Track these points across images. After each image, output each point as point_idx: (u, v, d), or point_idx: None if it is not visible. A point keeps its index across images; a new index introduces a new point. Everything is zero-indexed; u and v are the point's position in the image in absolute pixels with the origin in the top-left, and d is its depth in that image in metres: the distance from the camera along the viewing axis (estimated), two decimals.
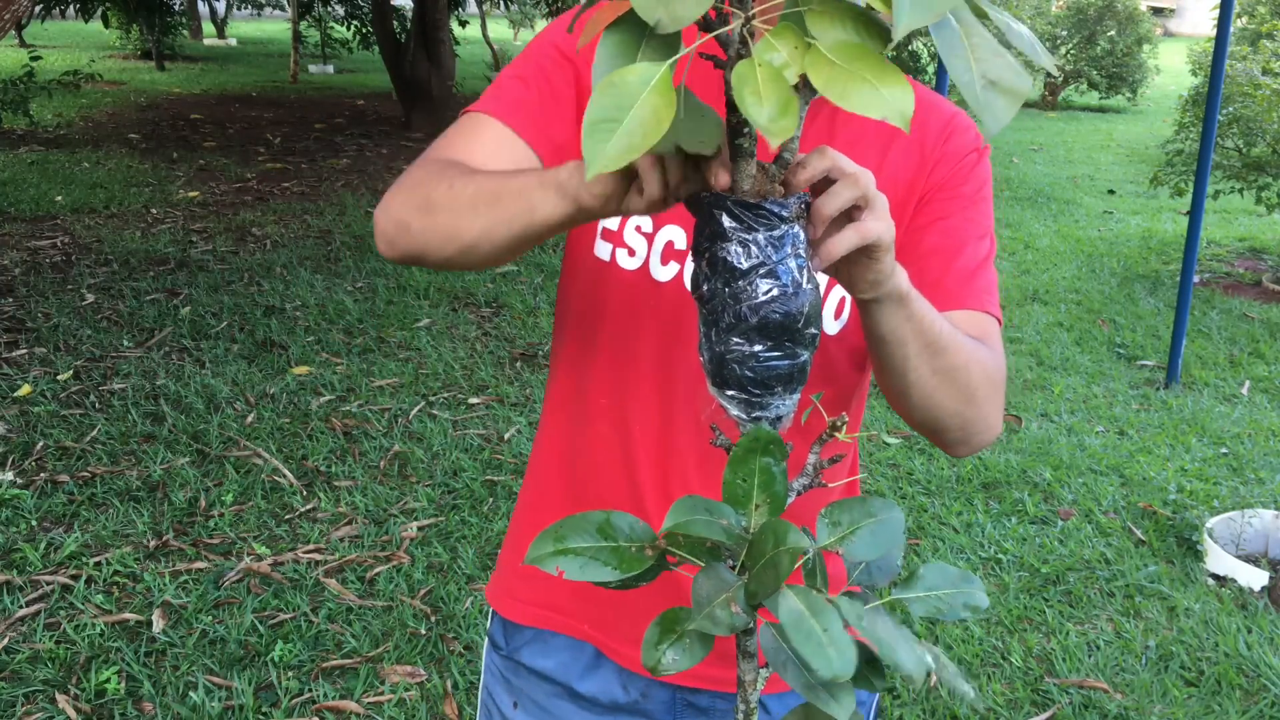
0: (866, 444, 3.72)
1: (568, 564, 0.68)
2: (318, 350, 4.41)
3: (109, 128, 9.64)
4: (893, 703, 2.42)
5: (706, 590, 0.66)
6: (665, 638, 0.67)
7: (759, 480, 0.70)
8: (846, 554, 0.74)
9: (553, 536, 0.69)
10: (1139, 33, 13.81)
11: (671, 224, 1.05)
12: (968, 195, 1.06)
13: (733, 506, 0.70)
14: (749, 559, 0.68)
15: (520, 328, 4.80)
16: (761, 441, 0.70)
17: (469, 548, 3.00)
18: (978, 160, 1.08)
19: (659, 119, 0.59)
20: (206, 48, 18.59)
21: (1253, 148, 6.35)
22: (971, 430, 0.99)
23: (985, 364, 0.96)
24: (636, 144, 0.58)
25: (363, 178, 7.96)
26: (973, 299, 1.03)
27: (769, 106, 0.59)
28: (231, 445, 3.54)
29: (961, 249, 1.04)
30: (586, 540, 0.69)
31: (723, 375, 0.72)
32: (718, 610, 0.65)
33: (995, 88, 0.60)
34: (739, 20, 0.63)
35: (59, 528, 3.01)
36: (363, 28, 14.15)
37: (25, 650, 2.48)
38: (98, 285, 5.09)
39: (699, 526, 0.67)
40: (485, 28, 15.65)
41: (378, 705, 2.37)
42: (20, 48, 14.51)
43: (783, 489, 0.70)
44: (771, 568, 0.65)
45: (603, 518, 0.70)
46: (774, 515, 0.71)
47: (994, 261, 1.08)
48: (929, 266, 1.03)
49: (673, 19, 0.58)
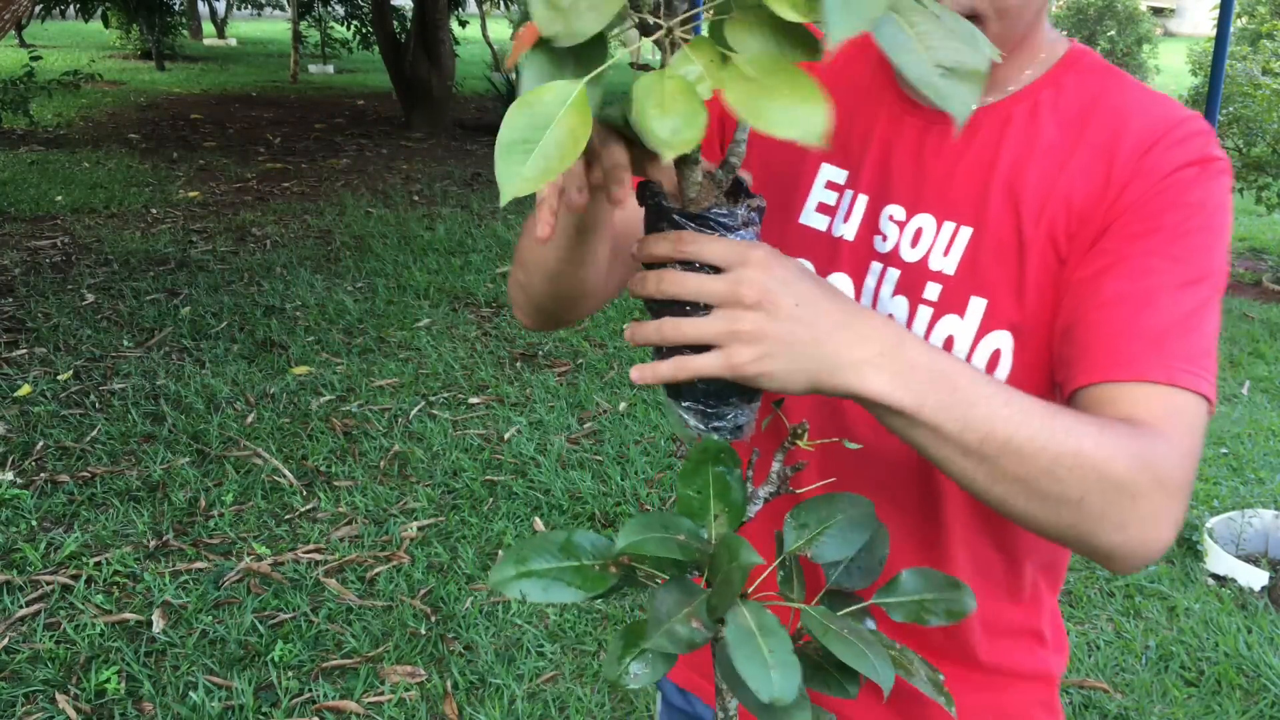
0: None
1: (529, 587, 0.66)
2: (318, 350, 4.41)
3: (109, 128, 9.64)
4: None
5: (666, 606, 0.65)
6: (629, 651, 0.65)
7: (714, 490, 0.69)
8: (816, 556, 0.72)
9: (514, 559, 0.67)
10: (1139, 33, 13.81)
11: None
12: (1172, 226, 0.79)
13: (691, 519, 0.68)
14: (710, 573, 0.66)
15: (520, 328, 4.80)
16: (710, 452, 0.69)
17: (469, 548, 3.00)
18: (1195, 179, 0.81)
19: (575, 139, 0.56)
20: (206, 48, 18.59)
21: (1253, 148, 6.36)
22: (1094, 543, 0.73)
23: (1103, 461, 0.71)
24: (553, 166, 0.56)
25: (363, 178, 7.96)
26: (1159, 368, 0.76)
27: (673, 119, 0.56)
28: (231, 445, 3.54)
29: (1153, 299, 0.78)
30: (548, 561, 0.67)
31: (677, 387, 0.71)
32: (677, 626, 0.63)
33: (954, 74, 0.57)
34: (660, 31, 0.61)
35: (59, 528, 3.01)
36: (363, 28, 14.14)
37: (25, 650, 2.48)
38: (98, 285, 5.09)
39: (652, 545, 0.65)
40: (485, 28, 15.65)
41: (378, 705, 2.38)
42: (20, 48, 14.51)
43: (740, 496, 0.69)
44: (726, 584, 0.63)
45: (564, 537, 0.69)
46: (734, 525, 0.69)
47: (1214, 314, 0.80)
48: (1105, 321, 0.78)
49: (570, 34, 0.57)
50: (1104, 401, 0.77)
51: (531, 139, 0.56)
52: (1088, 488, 0.71)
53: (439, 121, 10.23)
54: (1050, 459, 0.70)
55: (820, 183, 0.94)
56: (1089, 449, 0.71)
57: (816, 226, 0.93)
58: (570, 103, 0.57)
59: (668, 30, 0.61)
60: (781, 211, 0.94)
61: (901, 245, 0.89)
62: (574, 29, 0.56)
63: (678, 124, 0.56)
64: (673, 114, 0.56)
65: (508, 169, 0.56)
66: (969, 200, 0.87)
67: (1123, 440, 0.72)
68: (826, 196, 0.93)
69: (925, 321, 0.87)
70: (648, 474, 3.46)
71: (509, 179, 0.56)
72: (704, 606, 0.65)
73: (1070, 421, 0.72)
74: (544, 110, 0.57)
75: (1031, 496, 0.71)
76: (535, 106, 0.57)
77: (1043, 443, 0.70)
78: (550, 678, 2.50)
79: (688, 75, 0.58)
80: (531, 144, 0.56)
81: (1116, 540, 0.73)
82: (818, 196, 0.94)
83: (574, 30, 0.56)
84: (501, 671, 2.50)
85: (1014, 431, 0.70)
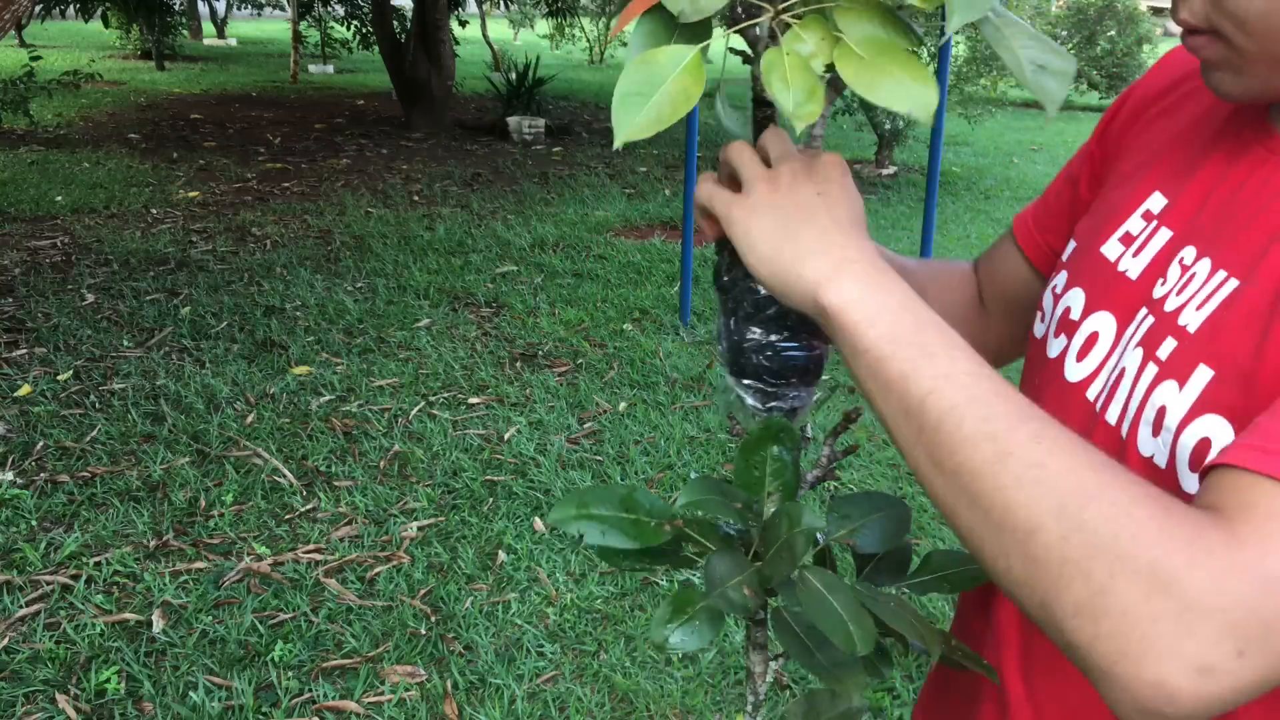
0: (867, 444, 3.72)
1: (589, 528, 0.70)
2: (318, 350, 4.41)
3: (109, 128, 9.64)
4: (893, 702, 2.42)
5: (721, 571, 0.68)
6: (676, 617, 0.68)
7: (771, 468, 0.71)
8: (856, 546, 0.76)
9: (576, 502, 0.71)
10: (1139, 33, 13.81)
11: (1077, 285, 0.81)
12: None
13: (746, 492, 0.71)
14: (763, 544, 0.69)
15: (520, 328, 4.80)
16: (773, 430, 0.71)
17: (469, 548, 3.00)
18: None
19: (688, 95, 0.62)
20: (206, 48, 18.60)
21: None
22: (1058, 625, 0.52)
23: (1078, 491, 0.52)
24: (665, 115, 0.61)
25: (363, 178, 7.96)
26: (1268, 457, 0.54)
27: (795, 91, 0.61)
28: (231, 445, 3.54)
29: None
30: (609, 509, 0.71)
31: (740, 364, 0.73)
32: (730, 591, 0.66)
33: (1045, 71, 0.63)
34: (768, 14, 0.65)
35: (59, 527, 3.01)
36: (363, 28, 14.15)
37: (25, 650, 2.48)
38: (98, 285, 5.09)
39: (711, 506, 0.69)
40: (485, 28, 15.66)
41: (378, 705, 2.38)
42: (20, 48, 14.52)
43: (793, 478, 0.71)
44: (787, 550, 0.66)
45: (625, 491, 0.72)
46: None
47: None
48: (1266, 391, 0.62)
49: (696, 9, 0.62)
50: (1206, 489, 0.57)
51: (646, 93, 0.62)
52: (1042, 519, 0.52)
53: (439, 121, 10.24)
54: (1000, 452, 0.54)
55: (1140, 210, 0.80)
56: (1059, 468, 0.53)
57: (1108, 256, 0.80)
58: (685, 64, 0.62)
59: (776, 13, 0.65)
60: (1093, 237, 0.82)
61: (1171, 291, 0.72)
62: (700, 5, 0.62)
63: (800, 96, 0.61)
64: (795, 87, 0.61)
65: (623, 116, 0.61)
66: (1250, 249, 0.69)
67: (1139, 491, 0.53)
68: (1134, 225, 0.79)
69: (1146, 385, 0.69)
70: (648, 474, 3.46)
71: (624, 125, 0.61)
72: (755, 576, 0.68)
73: (1056, 431, 0.55)
74: (660, 69, 0.62)
75: (974, 506, 0.55)
76: (652, 65, 0.62)
77: (1000, 429, 0.55)
78: (550, 678, 2.50)
79: (801, 51, 0.63)
80: (645, 97, 0.62)
81: (1080, 633, 0.51)
82: (1128, 225, 0.80)
83: (700, 7, 0.62)
84: (501, 671, 2.50)
85: (966, 400, 0.56)
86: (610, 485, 0.71)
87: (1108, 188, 0.86)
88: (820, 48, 0.62)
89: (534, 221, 6.74)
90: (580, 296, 5.25)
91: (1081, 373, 0.76)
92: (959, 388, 0.57)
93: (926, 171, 5.69)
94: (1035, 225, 0.93)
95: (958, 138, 11.02)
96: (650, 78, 0.62)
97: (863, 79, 0.61)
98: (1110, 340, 0.74)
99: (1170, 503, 0.52)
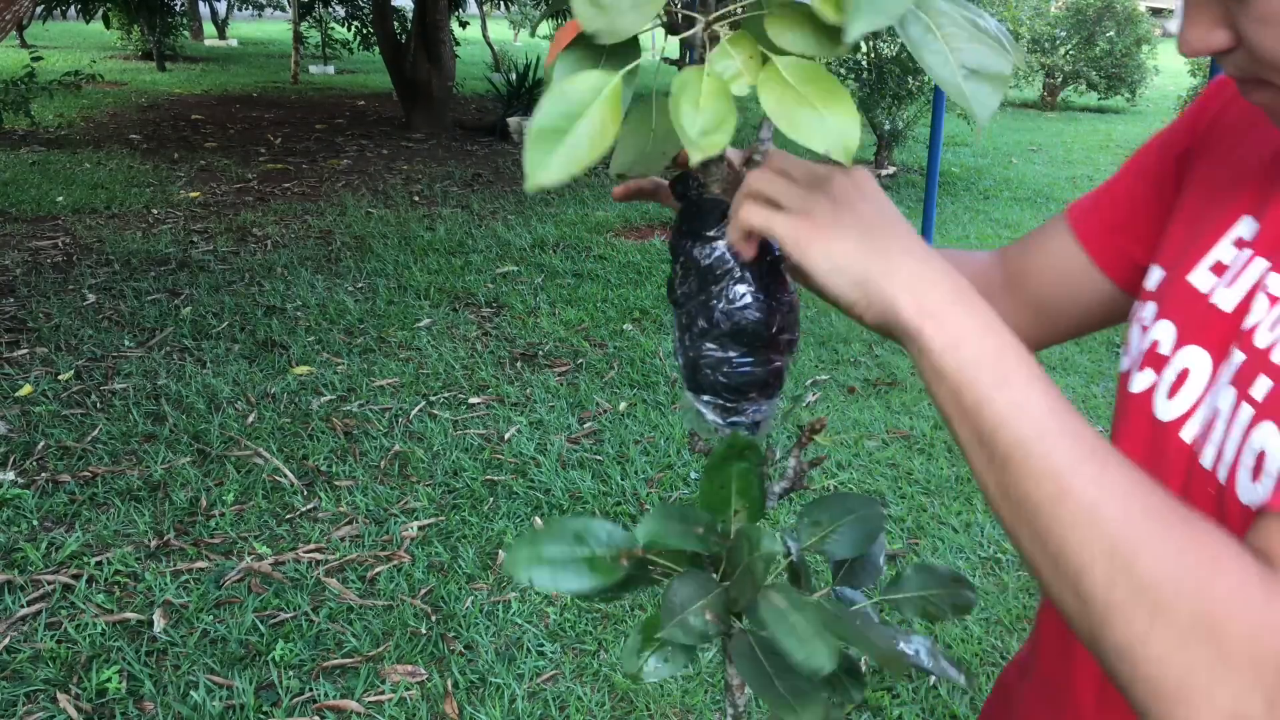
0: (866, 444, 3.72)
1: (538, 573, 0.66)
2: (318, 350, 4.41)
3: (110, 128, 9.65)
4: (892, 702, 2.43)
5: (681, 597, 0.64)
6: (648, 645, 0.66)
7: (736, 486, 0.69)
8: (828, 553, 0.73)
9: (528, 544, 0.67)
10: (1138, 33, 13.81)
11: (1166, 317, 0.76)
12: None
13: (711, 513, 0.69)
14: (728, 565, 0.67)
15: (520, 328, 4.80)
16: (737, 447, 0.69)
17: (469, 547, 3.01)
18: None
19: (605, 133, 0.56)
20: (207, 48, 18.60)
21: None
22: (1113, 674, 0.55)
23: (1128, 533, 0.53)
24: (581, 157, 0.55)
25: (363, 178, 7.97)
26: None
27: (704, 116, 0.56)
28: (232, 445, 3.55)
29: None
30: (561, 547, 0.67)
31: (697, 380, 0.72)
32: (691, 618, 0.63)
33: (977, 75, 0.57)
34: (700, 24, 0.61)
35: (60, 527, 3.02)
36: (363, 28, 14.16)
37: (26, 650, 2.49)
38: (99, 285, 5.10)
39: (673, 538, 0.64)
40: (485, 28, 15.66)
41: (378, 704, 2.38)
42: (21, 48, 14.53)
43: (759, 494, 0.69)
44: (748, 575, 0.63)
45: (581, 525, 0.68)
46: (752, 521, 0.70)
47: None
48: None
49: (611, 31, 0.55)
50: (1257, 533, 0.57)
51: (562, 127, 0.56)
52: (1092, 561, 0.53)
53: (439, 122, 10.24)
54: (1060, 491, 0.55)
55: (1230, 236, 0.74)
56: (1112, 513, 0.54)
57: (1199, 288, 0.74)
58: (605, 95, 0.56)
59: (706, 24, 0.61)
60: (1179, 266, 0.77)
61: (1262, 324, 0.67)
62: (616, 26, 0.55)
63: (706, 124, 0.56)
64: (705, 113, 0.56)
65: (537, 157, 0.55)
66: None
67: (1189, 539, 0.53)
68: (1225, 254, 0.74)
69: (1242, 427, 0.64)
70: (648, 474, 3.46)
71: (537, 167, 0.55)
72: (720, 600, 0.65)
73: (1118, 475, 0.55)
74: (578, 100, 0.56)
75: (1034, 539, 0.56)
76: (569, 95, 0.56)
77: (1063, 467, 0.55)
78: (550, 677, 2.51)
79: (725, 71, 0.58)
80: (562, 133, 0.55)
81: (1121, 673, 0.54)
82: (1218, 254, 0.74)
83: (616, 28, 0.55)
84: (502, 671, 2.50)
85: (1035, 435, 0.56)
86: (565, 519, 0.68)
87: (1186, 194, 0.81)
88: (747, 66, 0.58)
89: (534, 222, 6.75)
90: (580, 296, 5.25)
91: (1174, 412, 0.72)
92: (1030, 422, 0.57)
93: (926, 172, 5.70)
94: (1101, 224, 0.89)
95: (957, 138, 11.03)
96: (567, 110, 0.56)
97: (783, 112, 0.56)
98: (1204, 378, 0.70)
99: (1220, 550, 0.53)
